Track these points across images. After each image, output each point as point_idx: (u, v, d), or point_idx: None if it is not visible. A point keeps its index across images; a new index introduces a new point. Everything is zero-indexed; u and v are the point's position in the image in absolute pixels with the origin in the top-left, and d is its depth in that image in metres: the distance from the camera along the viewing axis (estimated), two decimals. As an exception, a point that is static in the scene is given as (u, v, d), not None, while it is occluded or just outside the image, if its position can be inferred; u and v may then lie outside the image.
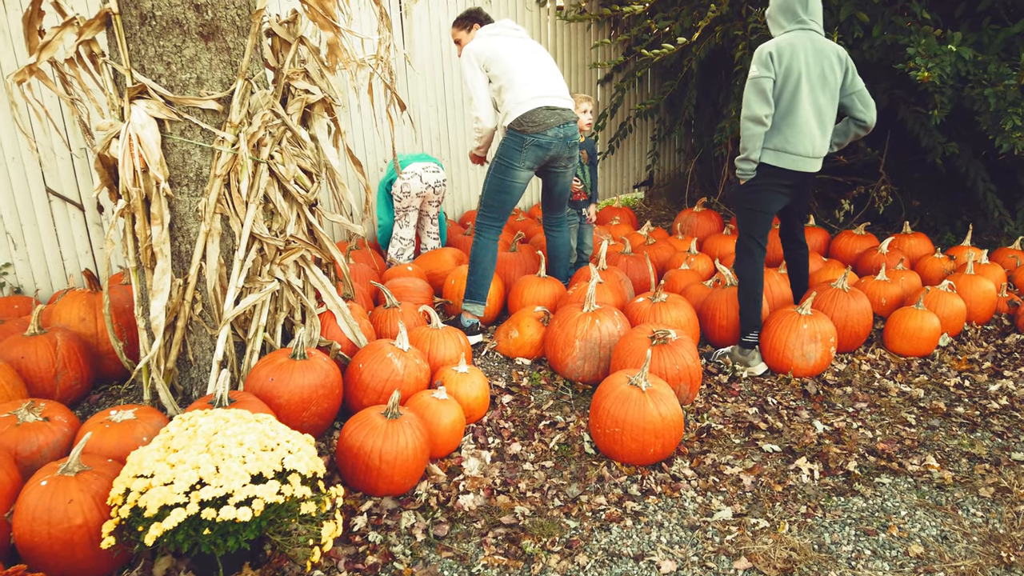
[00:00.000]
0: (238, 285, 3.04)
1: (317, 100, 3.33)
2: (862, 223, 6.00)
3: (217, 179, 3.00)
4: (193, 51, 2.90)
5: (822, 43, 3.56)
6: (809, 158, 3.60)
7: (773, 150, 3.60)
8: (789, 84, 3.50)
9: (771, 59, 3.49)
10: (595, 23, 6.60)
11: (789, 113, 3.53)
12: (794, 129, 3.53)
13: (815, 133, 3.58)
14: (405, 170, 4.78)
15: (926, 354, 3.88)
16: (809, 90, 3.53)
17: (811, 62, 3.51)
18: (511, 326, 3.84)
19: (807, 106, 3.53)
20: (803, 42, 3.51)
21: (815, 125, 3.57)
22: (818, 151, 3.63)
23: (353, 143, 5.40)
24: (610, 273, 4.24)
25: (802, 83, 3.50)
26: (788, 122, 3.54)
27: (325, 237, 3.40)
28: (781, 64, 3.49)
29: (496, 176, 3.85)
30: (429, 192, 4.82)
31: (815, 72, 3.52)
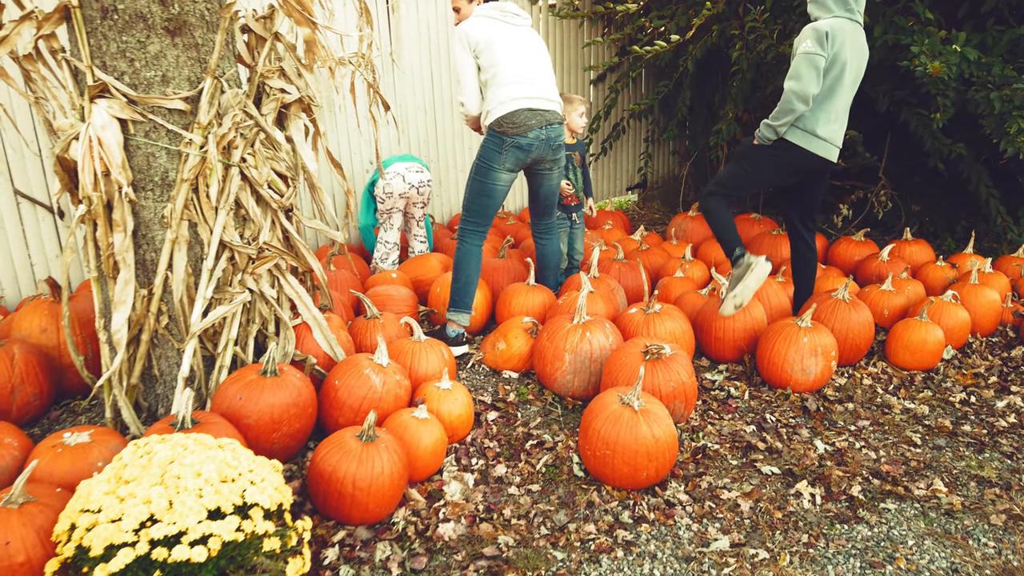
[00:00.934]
0: (206, 296, 2.86)
1: (293, 100, 3.15)
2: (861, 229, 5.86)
3: (184, 183, 2.82)
4: (158, 47, 2.72)
5: (861, 36, 3.55)
6: (834, 146, 3.61)
7: (803, 130, 3.56)
8: (834, 70, 3.47)
9: (827, 39, 3.41)
10: (588, 21, 6.44)
11: (827, 99, 3.52)
12: (828, 115, 3.52)
13: (841, 124, 3.60)
14: (387, 170, 4.61)
15: (930, 368, 3.73)
16: (849, 82, 3.53)
17: (853, 54, 3.49)
18: (498, 337, 3.67)
19: (843, 96, 3.53)
20: (851, 32, 3.48)
21: (843, 116, 3.60)
22: (839, 140, 3.64)
23: (338, 144, 5.23)
24: (602, 281, 4.08)
25: (845, 72, 3.48)
26: (824, 107, 3.52)
27: (301, 244, 3.22)
28: (833, 47, 3.43)
29: (477, 179, 3.68)
30: (412, 193, 4.64)
31: (854, 65, 3.51)
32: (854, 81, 3.57)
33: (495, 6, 3.74)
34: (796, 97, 3.44)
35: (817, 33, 3.42)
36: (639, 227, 5.55)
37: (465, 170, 6.06)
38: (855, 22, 3.52)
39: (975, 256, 4.73)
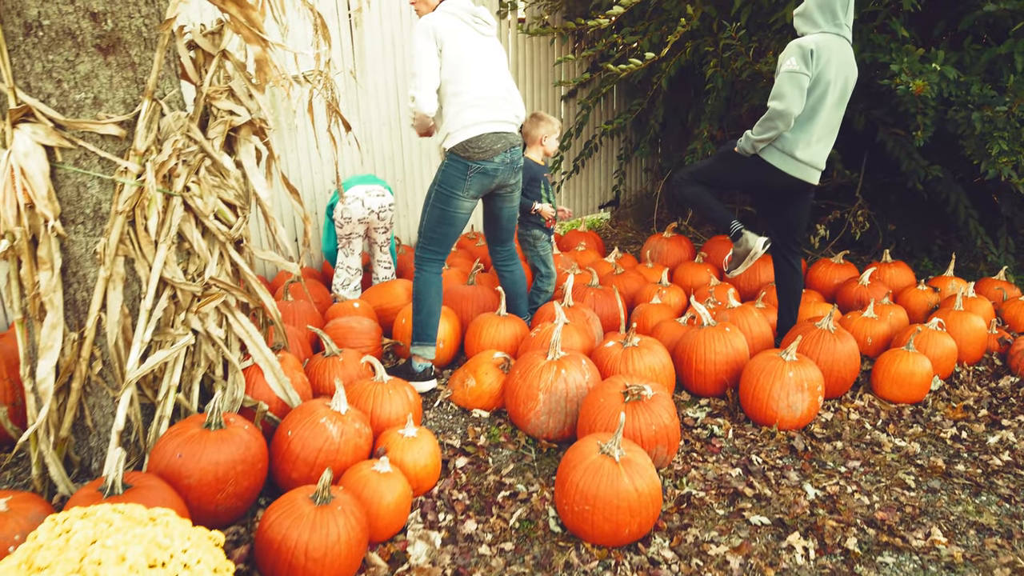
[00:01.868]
0: (144, 340, 2.59)
1: (243, 122, 2.90)
2: (838, 249, 5.75)
3: (119, 216, 2.56)
4: (89, 67, 2.47)
5: (849, 52, 3.43)
6: (814, 168, 3.54)
7: (780, 151, 3.50)
8: (817, 89, 3.36)
9: (811, 57, 3.29)
10: (559, 37, 6.27)
11: (808, 120, 3.42)
12: (809, 136, 3.44)
13: (823, 145, 3.51)
14: (347, 193, 4.36)
15: (918, 400, 3.58)
16: (831, 103, 3.41)
17: (838, 72, 3.37)
18: (467, 373, 3.45)
19: (825, 116, 3.42)
20: (837, 48, 3.36)
21: (826, 137, 3.49)
22: (820, 162, 3.55)
23: (298, 165, 4.97)
24: (576, 311, 3.87)
25: (828, 92, 3.37)
26: (805, 128, 3.42)
27: (252, 279, 2.97)
28: (818, 65, 3.32)
29: (437, 206, 3.42)
30: (372, 218, 4.39)
31: (839, 83, 3.39)
32: (840, 100, 3.46)
33: (465, 8, 3.41)
34: (779, 117, 3.36)
35: (802, 50, 3.30)
36: (613, 249, 5.37)
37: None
38: (843, 38, 3.41)
39: (956, 279, 4.62)
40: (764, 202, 3.86)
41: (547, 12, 6.02)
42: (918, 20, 4.93)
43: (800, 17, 3.50)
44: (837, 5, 3.38)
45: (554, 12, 6.08)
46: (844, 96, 3.46)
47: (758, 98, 5.06)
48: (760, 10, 4.89)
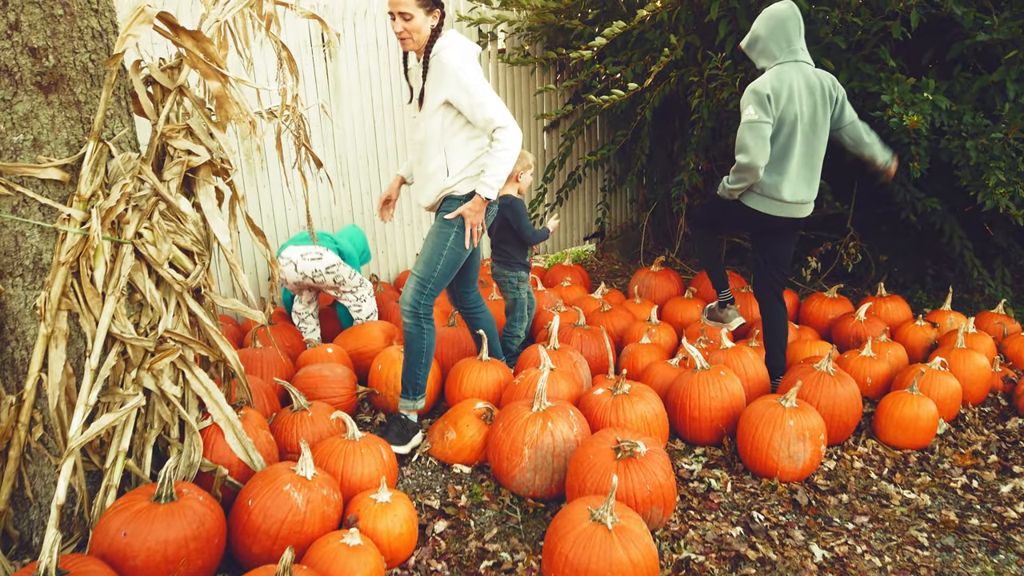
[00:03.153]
0: (88, 402, 2.36)
1: (202, 163, 2.70)
2: (829, 281, 5.60)
3: (62, 267, 2.34)
4: (28, 106, 2.27)
5: (813, 77, 3.31)
6: (797, 204, 3.45)
7: (760, 195, 3.44)
8: (784, 129, 3.29)
9: (769, 102, 3.20)
10: (540, 67, 6.14)
11: (781, 159, 3.35)
12: (784, 176, 3.37)
13: (805, 179, 3.42)
14: (281, 255, 4.09)
15: (923, 446, 3.40)
16: (802, 135, 3.32)
17: (805, 103, 3.28)
18: (447, 425, 3.23)
19: (799, 152, 3.33)
20: (797, 79, 3.26)
21: (806, 170, 3.41)
22: (808, 196, 3.47)
23: (271, 201, 4.77)
24: (563, 354, 3.67)
25: (797, 129, 3.30)
26: (778, 168, 3.38)
27: (213, 330, 2.75)
28: (778, 107, 3.24)
29: (456, 250, 3.15)
30: (307, 283, 4.11)
31: (808, 114, 3.30)
32: (814, 128, 3.35)
33: (470, 44, 3.08)
34: (745, 170, 3.32)
35: (758, 96, 3.22)
36: (600, 284, 5.18)
37: (413, 224, 5.65)
38: (800, 63, 3.31)
39: (954, 314, 4.47)
40: (756, 237, 3.76)
41: (527, 42, 5.89)
42: (906, 49, 4.83)
43: (752, 50, 3.44)
44: (790, 31, 3.30)
45: (535, 43, 5.95)
46: (818, 121, 3.34)
47: (745, 128, 4.93)
48: (746, 39, 4.78)
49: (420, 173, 3.26)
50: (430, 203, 3.26)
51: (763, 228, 3.58)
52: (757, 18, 3.45)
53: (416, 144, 3.22)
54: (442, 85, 2.98)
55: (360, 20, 4.97)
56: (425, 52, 3.02)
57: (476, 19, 5.39)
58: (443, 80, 2.96)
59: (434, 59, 3.01)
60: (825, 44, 4.45)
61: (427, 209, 3.34)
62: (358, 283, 4.28)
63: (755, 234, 3.74)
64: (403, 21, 2.95)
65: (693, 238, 3.95)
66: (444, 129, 3.06)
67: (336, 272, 4.13)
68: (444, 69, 2.95)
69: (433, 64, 3.01)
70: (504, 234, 3.98)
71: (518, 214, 3.94)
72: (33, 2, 2.21)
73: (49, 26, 2.25)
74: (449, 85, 2.95)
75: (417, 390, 3.28)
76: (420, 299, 3.17)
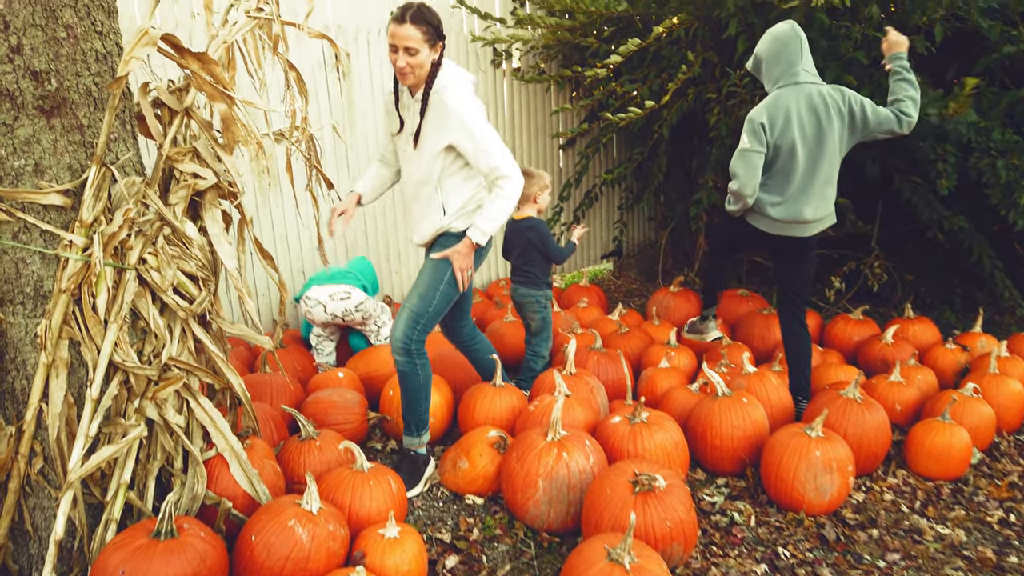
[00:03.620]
0: (88, 433, 2.29)
1: (209, 186, 2.64)
2: (854, 302, 5.45)
3: (63, 294, 2.28)
4: (30, 130, 2.22)
5: (816, 96, 3.24)
6: (801, 224, 3.37)
7: (759, 214, 3.43)
8: (782, 154, 3.27)
9: (763, 130, 3.21)
10: (555, 85, 6.08)
11: (782, 182, 3.33)
12: (783, 197, 3.34)
13: (811, 198, 3.33)
14: (307, 295, 4.06)
15: (957, 476, 3.25)
16: (805, 158, 3.27)
17: (806, 124, 3.22)
18: (459, 454, 3.13)
19: (801, 174, 3.30)
20: (797, 101, 3.22)
21: (813, 190, 3.32)
22: (813, 215, 3.36)
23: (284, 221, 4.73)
24: (579, 379, 3.57)
25: (797, 152, 3.26)
26: (779, 190, 3.34)
27: (219, 357, 2.68)
28: (774, 134, 3.22)
29: (452, 287, 3.03)
30: (338, 322, 4.11)
31: (811, 134, 3.24)
32: (818, 149, 3.25)
33: (467, 76, 3.01)
34: (737, 195, 3.36)
35: (752, 125, 3.24)
36: (617, 305, 5.08)
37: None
38: (802, 84, 3.25)
39: (985, 336, 4.31)
40: (771, 257, 3.75)
41: (543, 60, 5.84)
42: (929, 64, 4.71)
43: (756, 72, 3.45)
44: (792, 53, 3.27)
45: (550, 60, 5.90)
46: (825, 141, 3.24)
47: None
48: (765, 56, 4.69)
49: (414, 210, 3.14)
50: (425, 241, 3.15)
51: (768, 246, 3.58)
52: (760, 39, 3.40)
53: (411, 183, 3.09)
54: (446, 129, 2.85)
55: (374, 39, 4.94)
56: (425, 87, 2.86)
57: (490, 39, 5.34)
58: (447, 124, 2.84)
59: (435, 98, 2.85)
60: (847, 59, 4.34)
61: (420, 246, 3.23)
62: (380, 312, 4.29)
63: (769, 254, 3.73)
64: (407, 56, 2.77)
65: (708, 254, 4.03)
66: (443, 169, 2.96)
67: (364, 309, 4.13)
68: (448, 112, 2.82)
69: (434, 103, 2.86)
70: (529, 255, 3.90)
71: (543, 236, 3.87)
72: (35, 25, 2.17)
73: (52, 49, 2.21)
74: (453, 130, 2.83)
75: (420, 425, 3.17)
76: (413, 335, 3.00)
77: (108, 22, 2.39)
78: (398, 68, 2.81)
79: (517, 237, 3.89)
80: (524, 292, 3.96)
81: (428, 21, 2.77)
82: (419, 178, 3.02)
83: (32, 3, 2.15)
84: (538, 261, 3.90)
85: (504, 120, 5.90)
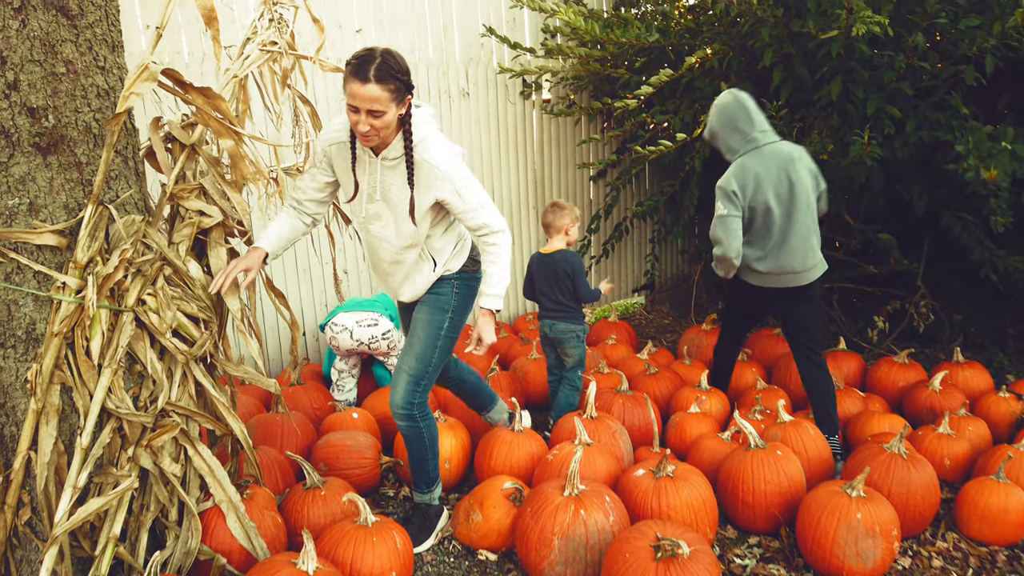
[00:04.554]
0: (77, 484, 2.18)
1: (215, 224, 2.56)
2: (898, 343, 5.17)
3: (55, 338, 2.19)
4: (25, 168, 2.15)
5: (780, 154, 3.32)
6: (791, 274, 3.40)
7: (750, 270, 3.47)
8: (758, 215, 3.34)
9: (736, 196, 3.31)
10: (585, 117, 5.95)
11: (763, 238, 3.39)
12: (767, 251, 3.38)
13: (795, 251, 3.36)
14: (333, 321, 3.94)
15: (1013, 542, 2.98)
16: (781, 212, 3.32)
17: (777, 183, 3.30)
18: (473, 505, 2.96)
19: (780, 228, 3.34)
20: (763, 164, 3.30)
21: (794, 242, 3.35)
22: (802, 266, 3.39)
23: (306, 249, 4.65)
24: (602, 424, 3.38)
25: (772, 209, 3.31)
26: (762, 246, 3.40)
27: (221, 402, 2.57)
28: (746, 198, 3.32)
29: (450, 336, 2.82)
30: (363, 348, 3.98)
31: (784, 191, 3.30)
32: (792, 204, 3.31)
33: (430, 113, 2.66)
34: (722, 260, 3.42)
35: (724, 192, 3.32)
36: (647, 343, 4.88)
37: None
38: (761, 147, 3.32)
39: (1043, 384, 4.02)
40: (774, 311, 3.91)
41: (573, 92, 5.73)
42: (979, 95, 4.48)
43: (713, 143, 3.52)
44: (741, 123, 3.36)
45: (580, 91, 5.78)
46: (797, 194, 3.30)
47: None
48: (802, 86, 4.50)
49: (396, 274, 2.81)
50: (417, 296, 2.85)
51: (768, 300, 3.59)
52: (710, 111, 3.48)
53: (390, 249, 2.73)
54: (431, 189, 2.57)
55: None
56: (406, 150, 2.50)
57: (518, 71, 5.24)
58: (432, 184, 2.56)
59: (419, 161, 2.54)
60: (890, 90, 4.14)
61: (408, 303, 2.96)
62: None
63: (773, 309, 3.86)
64: (370, 118, 2.37)
65: (721, 332, 4.05)
66: (430, 229, 2.71)
67: (390, 338, 4.02)
68: (433, 172, 2.54)
69: (419, 166, 2.54)
70: (562, 288, 3.78)
71: (577, 269, 3.78)
72: (33, 60, 2.10)
73: (50, 85, 2.14)
74: (443, 191, 2.57)
75: (430, 482, 2.99)
76: (414, 399, 2.78)
77: (112, 57, 2.32)
78: (360, 132, 2.41)
79: (548, 270, 3.78)
80: (564, 327, 3.81)
81: (395, 75, 2.36)
82: (404, 243, 2.70)
83: (31, 38, 2.09)
84: (570, 293, 3.78)
85: (533, 151, 5.80)
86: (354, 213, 2.77)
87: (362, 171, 2.62)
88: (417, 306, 2.87)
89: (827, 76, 4.26)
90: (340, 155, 2.64)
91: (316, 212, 2.83)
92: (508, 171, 5.65)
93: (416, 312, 2.86)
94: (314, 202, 2.80)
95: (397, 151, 2.54)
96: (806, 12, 4.20)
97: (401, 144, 2.53)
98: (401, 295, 2.88)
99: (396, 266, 2.79)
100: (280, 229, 2.75)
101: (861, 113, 4.25)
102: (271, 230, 2.73)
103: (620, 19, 5.14)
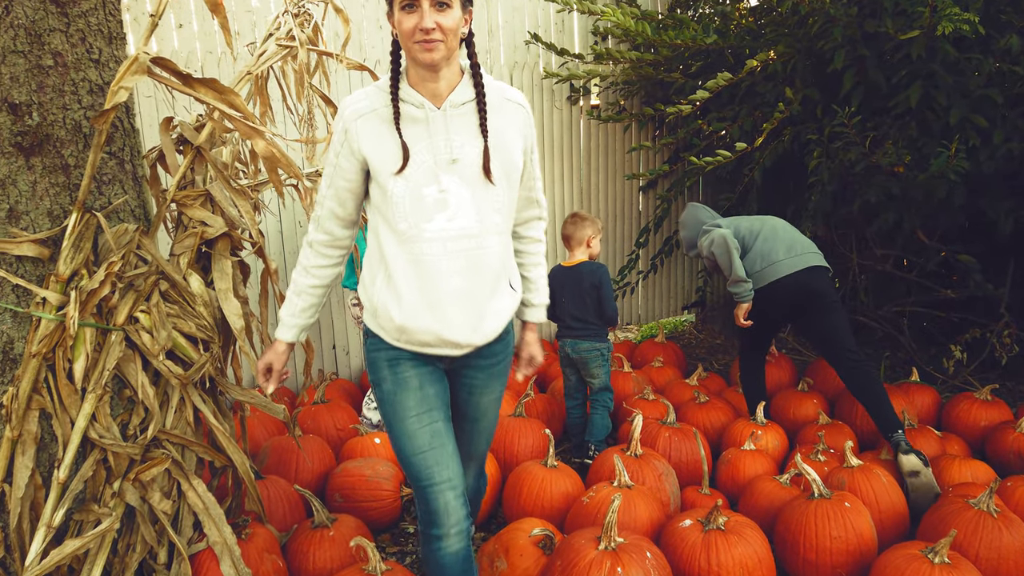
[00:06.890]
0: (52, 524, 1.96)
1: (219, 235, 2.32)
2: (979, 377, 4.70)
3: (34, 359, 1.97)
4: (5, 171, 1.94)
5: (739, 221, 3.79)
6: (786, 260, 3.51)
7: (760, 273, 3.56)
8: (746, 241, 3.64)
9: (728, 237, 3.56)
10: (636, 123, 5.62)
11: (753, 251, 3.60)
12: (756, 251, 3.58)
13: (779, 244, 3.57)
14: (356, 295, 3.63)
15: None
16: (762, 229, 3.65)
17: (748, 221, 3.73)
18: (498, 551, 2.66)
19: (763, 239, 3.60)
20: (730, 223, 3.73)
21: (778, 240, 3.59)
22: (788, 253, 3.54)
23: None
24: (646, 464, 3.05)
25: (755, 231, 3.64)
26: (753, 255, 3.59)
27: (221, 431, 2.33)
28: (740, 235, 3.65)
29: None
30: None
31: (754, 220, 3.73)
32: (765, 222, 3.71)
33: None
34: (736, 282, 3.53)
35: (720, 237, 3.55)
36: (697, 367, 4.52)
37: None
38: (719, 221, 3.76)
39: None
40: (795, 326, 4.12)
41: (623, 97, 5.41)
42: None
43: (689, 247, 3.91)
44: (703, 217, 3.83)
45: (631, 97, 5.46)
46: (768, 219, 3.74)
47: (874, 193, 4.22)
48: (876, 92, 4.10)
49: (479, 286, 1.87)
50: (489, 340, 1.96)
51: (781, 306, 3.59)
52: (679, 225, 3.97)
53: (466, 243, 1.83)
54: (521, 138, 1.90)
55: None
56: (475, 80, 1.83)
57: (565, 76, 4.95)
58: (522, 131, 1.91)
59: (503, 102, 1.88)
60: (976, 97, 3.72)
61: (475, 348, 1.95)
62: None
63: (792, 324, 3.99)
64: (435, 12, 1.68)
65: (740, 356, 4.00)
66: (508, 218, 1.93)
67: None
68: (518, 114, 1.90)
69: (501, 108, 1.87)
70: (585, 304, 3.54)
71: (605, 282, 3.56)
72: (17, 51, 1.90)
73: (35, 79, 1.94)
74: (530, 137, 1.95)
75: None
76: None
77: (108, 49, 2.11)
78: (423, 32, 1.69)
79: (572, 283, 3.55)
80: (589, 346, 3.54)
81: None
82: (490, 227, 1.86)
83: (14, 27, 1.89)
84: (594, 310, 3.52)
85: (580, 159, 5.49)
86: (401, 215, 1.81)
87: (416, 131, 1.80)
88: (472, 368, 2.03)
89: (905, 81, 3.87)
90: (371, 126, 1.80)
91: (345, 237, 2.00)
92: (552, 180, 5.36)
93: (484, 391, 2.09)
94: (345, 228, 1.97)
95: (467, 93, 1.83)
96: (882, 11, 3.81)
97: (470, 84, 1.83)
98: (474, 338, 1.90)
99: (477, 277, 1.86)
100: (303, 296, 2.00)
101: (943, 122, 3.84)
102: (292, 304, 2.00)
103: (675, 20, 4.81)
